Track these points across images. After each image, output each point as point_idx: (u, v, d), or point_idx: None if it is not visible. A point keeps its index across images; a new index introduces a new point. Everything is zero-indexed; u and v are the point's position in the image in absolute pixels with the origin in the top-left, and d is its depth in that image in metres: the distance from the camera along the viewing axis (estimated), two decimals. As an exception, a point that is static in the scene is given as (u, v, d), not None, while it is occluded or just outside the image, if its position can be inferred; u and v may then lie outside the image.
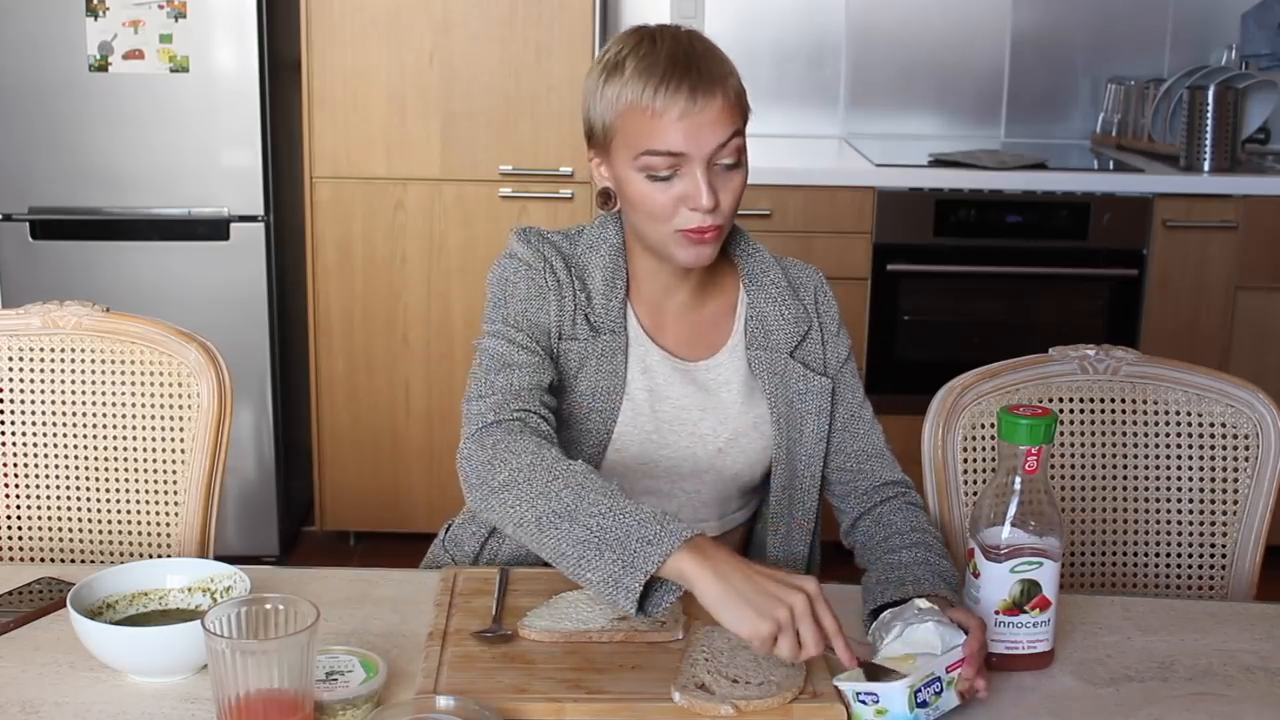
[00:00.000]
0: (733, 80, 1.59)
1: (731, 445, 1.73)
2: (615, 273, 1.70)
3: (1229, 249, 3.51)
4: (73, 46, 3.35)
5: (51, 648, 1.49)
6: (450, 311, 3.56)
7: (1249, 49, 3.88)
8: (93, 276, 3.45)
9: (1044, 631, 1.47)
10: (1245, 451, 1.87)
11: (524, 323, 1.64)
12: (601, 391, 1.68)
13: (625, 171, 1.61)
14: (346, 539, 3.81)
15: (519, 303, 1.66)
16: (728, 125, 1.57)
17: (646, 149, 1.57)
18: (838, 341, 1.78)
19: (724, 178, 1.59)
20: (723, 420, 1.73)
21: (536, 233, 1.72)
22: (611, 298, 1.69)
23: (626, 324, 1.71)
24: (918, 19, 4.03)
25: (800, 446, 1.74)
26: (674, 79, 1.55)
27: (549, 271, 1.67)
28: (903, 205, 3.49)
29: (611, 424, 1.69)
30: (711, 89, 1.56)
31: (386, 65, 3.44)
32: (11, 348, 1.91)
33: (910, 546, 1.62)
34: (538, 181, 3.46)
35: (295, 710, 1.25)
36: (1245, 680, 1.47)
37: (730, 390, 1.73)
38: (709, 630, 1.47)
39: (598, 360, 1.68)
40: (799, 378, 1.73)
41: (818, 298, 1.78)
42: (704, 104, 1.55)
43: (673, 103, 1.54)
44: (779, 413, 1.73)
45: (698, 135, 1.55)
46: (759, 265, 1.76)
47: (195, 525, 1.87)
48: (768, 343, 1.73)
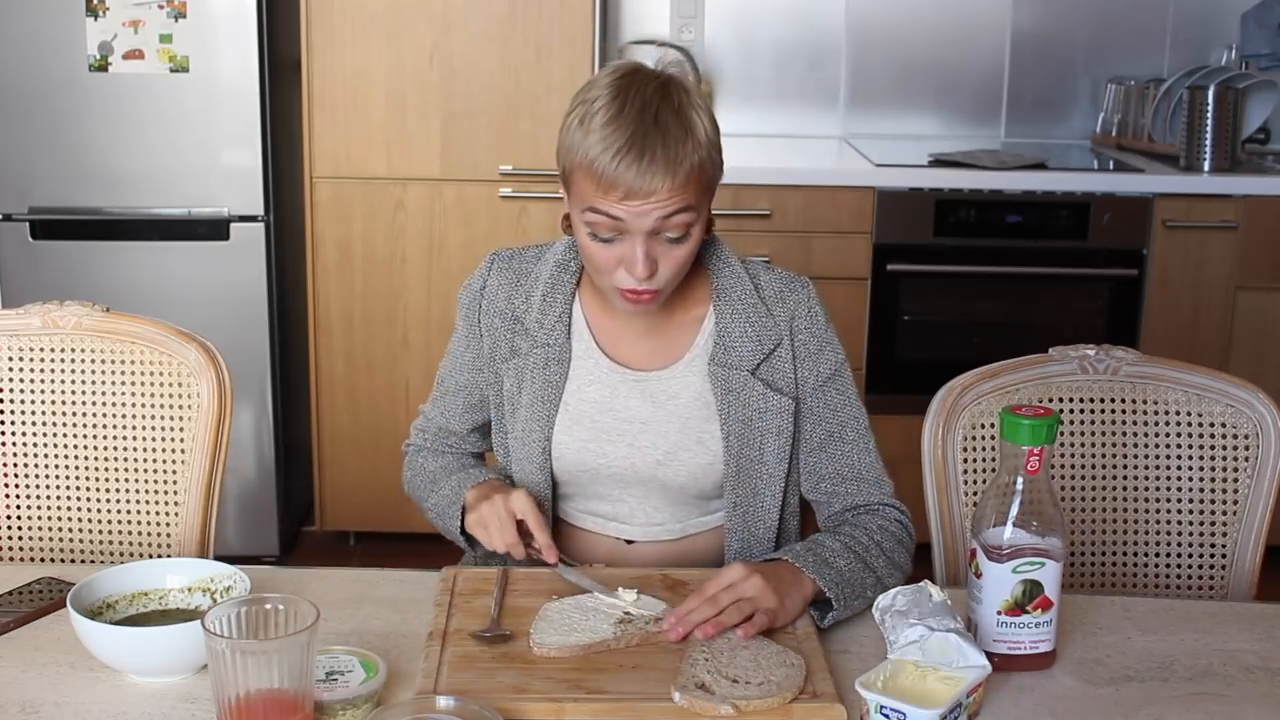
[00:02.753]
0: (693, 158, 1.57)
1: (670, 458, 1.74)
2: (556, 288, 1.75)
3: (1229, 249, 3.51)
4: (73, 46, 3.34)
5: (51, 648, 1.49)
6: (450, 311, 3.51)
7: (1249, 49, 3.87)
8: (93, 276, 3.45)
9: (1046, 632, 1.47)
10: (1245, 451, 1.86)
11: (461, 364, 1.85)
12: (539, 402, 1.74)
13: (575, 217, 1.65)
14: (346, 539, 3.81)
15: (460, 341, 1.86)
16: (673, 204, 1.57)
17: (591, 207, 1.59)
18: (817, 360, 1.75)
19: (667, 248, 1.61)
20: (664, 433, 1.74)
21: (505, 256, 1.82)
22: (548, 313, 1.75)
23: (571, 337, 1.75)
24: (918, 19, 4.02)
25: (761, 466, 1.74)
26: (629, 153, 1.55)
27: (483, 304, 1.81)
28: (903, 205, 3.49)
29: (549, 431, 1.74)
30: (663, 171, 1.55)
31: (386, 65, 3.43)
32: (11, 348, 1.91)
33: (834, 531, 1.69)
34: (538, 181, 3.45)
35: (295, 710, 1.25)
36: (1245, 680, 1.47)
37: (678, 403, 1.74)
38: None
39: (533, 373, 1.75)
40: (758, 396, 1.72)
41: (796, 314, 1.75)
42: (651, 185, 1.55)
43: (621, 178, 1.55)
44: (731, 430, 1.72)
45: (640, 212, 1.57)
46: (730, 279, 1.75)
47: (195, 525, 1.87)
48: (728, 359, 1.72)
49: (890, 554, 1.67)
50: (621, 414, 1.74)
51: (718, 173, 1.64)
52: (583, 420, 1.74)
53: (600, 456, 1.74)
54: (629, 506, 1.78)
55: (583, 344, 1.76)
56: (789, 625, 1.53)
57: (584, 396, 1.75)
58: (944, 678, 1.33)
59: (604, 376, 1.75)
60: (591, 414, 1.74)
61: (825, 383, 1.76)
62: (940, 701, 1.29)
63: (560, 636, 1.47)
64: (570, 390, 1.75)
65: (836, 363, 1.76)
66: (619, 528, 1.79)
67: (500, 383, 1.79)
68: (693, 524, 1.79)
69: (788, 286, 1.77)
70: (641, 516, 1.78)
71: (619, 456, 1.74)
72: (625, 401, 1.75)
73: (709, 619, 1.47)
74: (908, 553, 1.72)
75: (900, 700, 1.28)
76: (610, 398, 1.75)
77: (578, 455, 1.75)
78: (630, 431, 1.74)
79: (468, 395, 1.86)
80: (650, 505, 1.77)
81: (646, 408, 1.74)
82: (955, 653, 1.35)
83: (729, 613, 1.48)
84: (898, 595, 1.46)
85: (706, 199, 1.63)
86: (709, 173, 1.61)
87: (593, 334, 1.76)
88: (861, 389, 3.50)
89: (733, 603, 1.49)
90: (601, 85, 1.61)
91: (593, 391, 1.75)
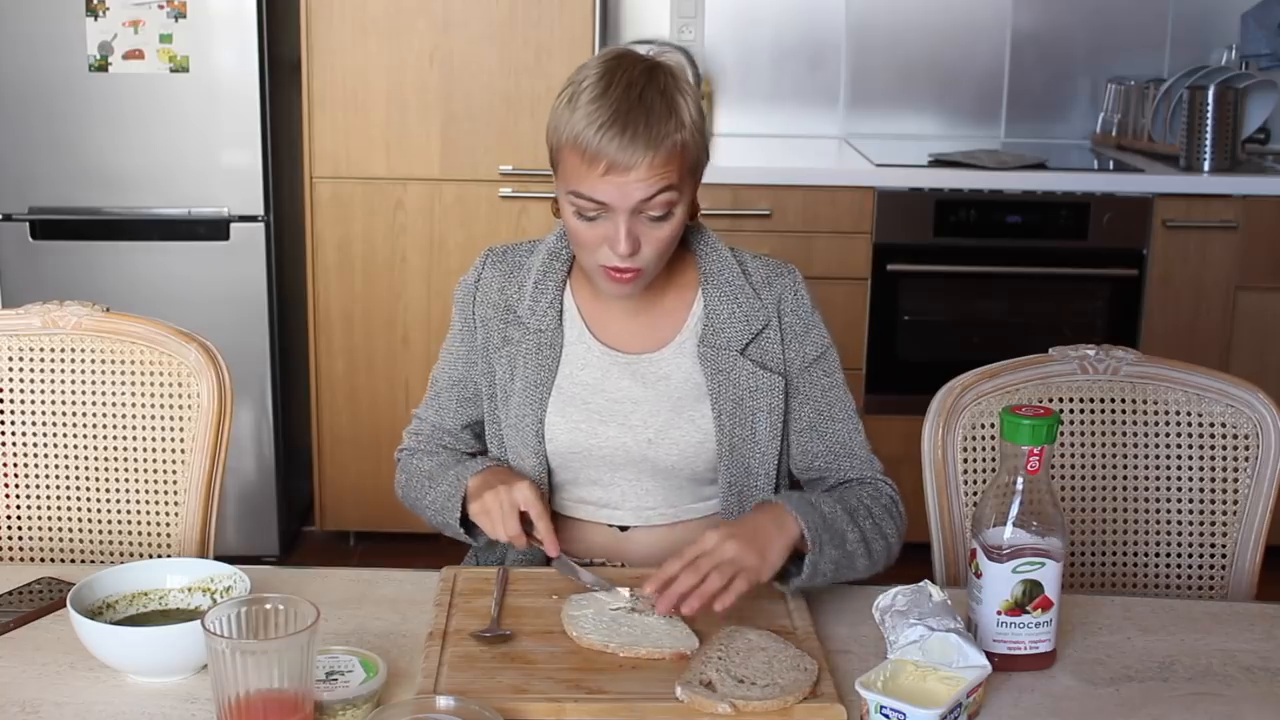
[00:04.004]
0: (676, 136, 1.61)
1: (661, 436, 1.75)
2: (548, 275, 1.79)
3: (1229, 249, 3.51)
4: (73, 46, 3.34)
5: (51, 648, 1.49)
6: (450, 311, 3.54)
7: (1249, 49, 3.87)
8: (93, 276, 3.45)
9: (1046, 632, 1.47)
10: (1245, 451, 1.86)
11: (456, 359, 1.86)
12: (531, 386, 1.77)
13: (561, 197, 1.68)
14: (346, 539, 3.81)
15: (454, 337, 1.87)
16: (655, 182, 1.60)
17: (574, 189, 1.63)
18: (804, 341, 1.78)
19: (649, 227, 1.64)
20: (654, 412, 1.76)
21: (499, 251, 1.85)
22: (539, 300, 1.78)
23: (563, 321, 1.78)
24: (918, 19, 4.02)
25: (753, 445, 1.76)
26: (611, 129, 1.58)
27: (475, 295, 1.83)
28: (903, 205, 3.49)
29: (541, 414, 1.76)
30: (644, 147, 1.58)
31: (386, 65, 3.43)
32: (11, 348, 1.91)
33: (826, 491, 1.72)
34: (538, 181, 3.45)
35: (295, 710, 1.25)
36: (1245, 680, 1.47)
37: (669, 384, 1.76)
38: (731, 630, 1.47)
39: (525, 359, 1.77)
40: (748, 375, 1.75)
41: (783, 298, 1.79)
42: (632, 161, 1.58)
43: (603, 151, 1.59)
44: (722, 409, 1.74)
45: (621, 190, 1.60)
46: (717, 263, 1.78)
47: (195, 525, 1.87)
48: (717, 340, 1.75)
49: (879, 520, 1.68)
50: (612, 394, 1.76)
51: (703, 156, 1.67)
52: (575, 402, 1.76)
53: (592, 437, 1.76)
54: (620, 490, 1.78)
55: (575, 329, 1.78)
56: (788, 624, 1.53)
57: (576, 380, 1.77)
58: (944, 678, 1.33)
59: (595, 360, 1.77)
60: (584, 396, 1.76)
61: (812, 364, 1.78)
62: (940, 701, 1.29)
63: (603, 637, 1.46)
64: (563, 374, 1.77)
65: (823, 344, 1.79)
66: (611, 514, 1.79)
67: (493, 373, 1.81)
68: (686, 509, 1.80)
69: (774, 272, 1.80)
70: (633, 500, 1.78)
71: (610, 437, 1.76)
72: (616, 383, 1.77)
73: (692, 588, 1.47)
74: (896, 526, 1.72)
75: (900, 700, 1.28)
76: (602, 379, 1.77)
77: (570, 436, 1.76)
78: (621, 411, 1.76)
79: (462, 389, 1.86)
80: (642, 489, 1.78)
81: (637, 388, 1.76)
82: (955, 653, 1.35)
83: (711, 579, 1.48)
84: (898, 595, 1.46)
85: (690, 182, 1.66)
86: (692, 154, 1.64)
87: (584, 319, 1.79)
88: (861, 389, 3.51)
89: (713, 568, 1.49)
90: (591, 67, 1.66)
91: (585, 375, 1.77)
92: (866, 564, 1.65)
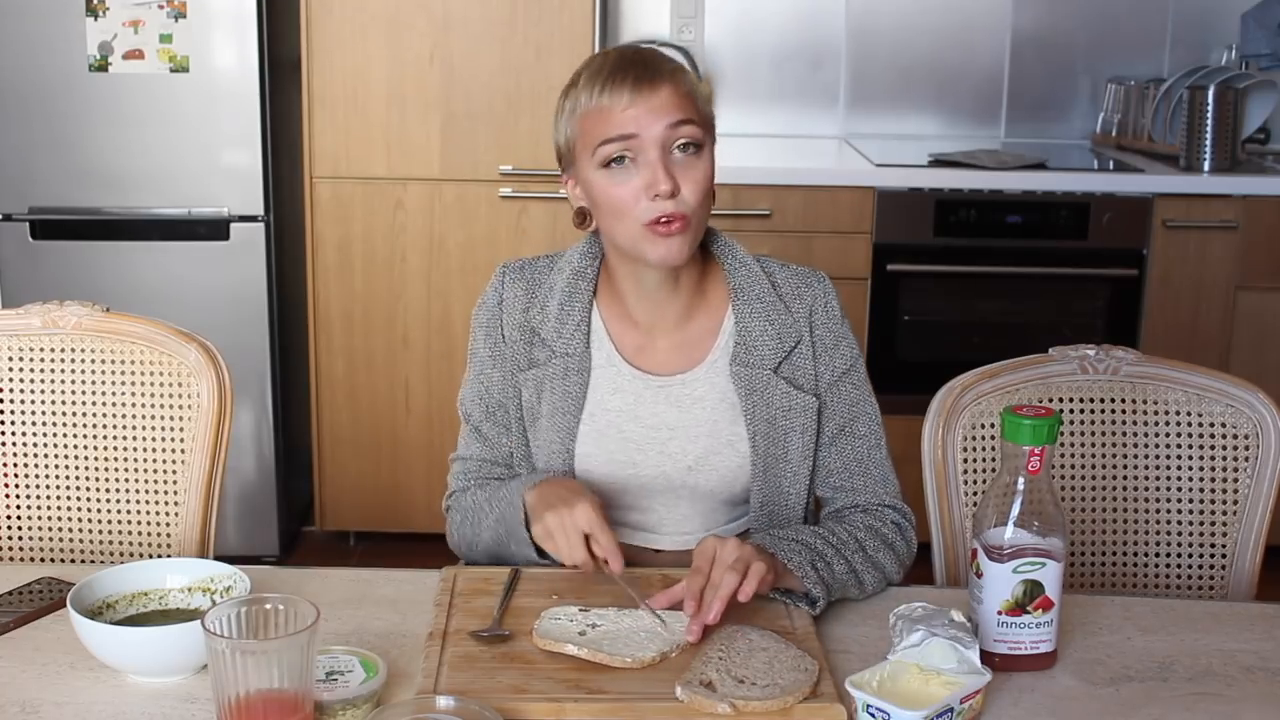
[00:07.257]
0: (682, 76, 1.66)
1: (702, 463, 1.73)
2: (573, 295, 1.74)
3: (1229, 249, 3.51)
4: (73, 46, 3.34)
5: (51, 648, 1.49)
6: (450, 311, 3.56)
7: (1249, 49, 3.87)
8: (93, 276, 3.45)
9: (1047, 632, 1.47)
10: (1245, 451, 1.86)
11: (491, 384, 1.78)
12: (559, 412, 1.73)
13: (589, 174, 1.66)
14: (346, 539, 3.80)
15: (484, 361, 1.78)
16: (675, 110, 1.62)
17: (601, 139, 1.63)
18: (834, 355, 1.76)
19: (684, 165, 1.63)
20: (693, 438, 1.73)
21: (515, 267, 1.79)
22: (565, 321, 1.73)
23: (590, 346, 1.74)
24: (918, 19, 4.02)
25: (786, 464, 1.73)
26: (618, 74, 1.63)
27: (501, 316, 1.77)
28: (903, 205, 3.49)
29: (571, 444, 1.72)
30: (656, 80, 1.63)
31: (386, 65, 3.43)
32: (11, 348, 1.91)
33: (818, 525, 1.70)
34: (538, 181, 3.45)
35: (295, 710, 1.25)
36: (1245, 680, 1.47)
37: (704, 406, 1.73)
38: (732, 630, 1.47)
39: (552, 383, 1.73)
40: (782, 394, 1.72)
41: (814, 309, 1.76)
42: (649, 91, 1.62)
43: (619, 95, 1.62)
44: (756, 430, 1.72)
45: (645, 118, 1.61)
46: (747, 279, 1.75)
47: (195, 525, 1.87)
48: (750, 359, 1.72)
49: (872, 553, 1.65)
50: (648, 421, 1.73)
51: (711, 114, 1.69)
52: (609, 432, 1.73)
53: (630, 467, 1.73)
54: (657, 515, 1.76)
55: (603, 352, 1.74)
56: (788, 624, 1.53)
57: (608, 406, 1.73)
58: (947, 682, 1.33)
59: (626, 384, 1.74)
60: (618, 424, 1.73)
61: (840, 377, 1.76)
62: (928, 704, 1.29)
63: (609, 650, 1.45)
64: (594, 400, 1.73)
65: (851, 357, 1.77)
66: (648, 537, 1.77)
67: (519, 394, 1.76)
68: (720, 530, 1.76)
69: (804, 282, 1.78)
70: (670, 525, 1.76)
71: (650, 465, 1.73)
72: (651, 409, 1.73)
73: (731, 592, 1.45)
74: (897, 557, 1.69)
75: (885, 700, 1.28)
76: (635, 405, 1.73)
77: (608, 469, 1.73)
78: (658, 439, 1.73)
79: (503, 414, 1.79)
80: (679, 514, 1.76)
81: (673, 413, 1.73)
82: (955, 658, 1.35)
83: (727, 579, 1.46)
84: (919, 607, 1.45)
85: (709, 136, 1.67)
86: (704, 107, 1.67)
87: (612, 341, 1.75)
88: (861, 389, 3.51)
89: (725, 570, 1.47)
90: (585, 62, 1.71)
91: (617, 400, 1.73)
92: (857, 593, 1.63)
